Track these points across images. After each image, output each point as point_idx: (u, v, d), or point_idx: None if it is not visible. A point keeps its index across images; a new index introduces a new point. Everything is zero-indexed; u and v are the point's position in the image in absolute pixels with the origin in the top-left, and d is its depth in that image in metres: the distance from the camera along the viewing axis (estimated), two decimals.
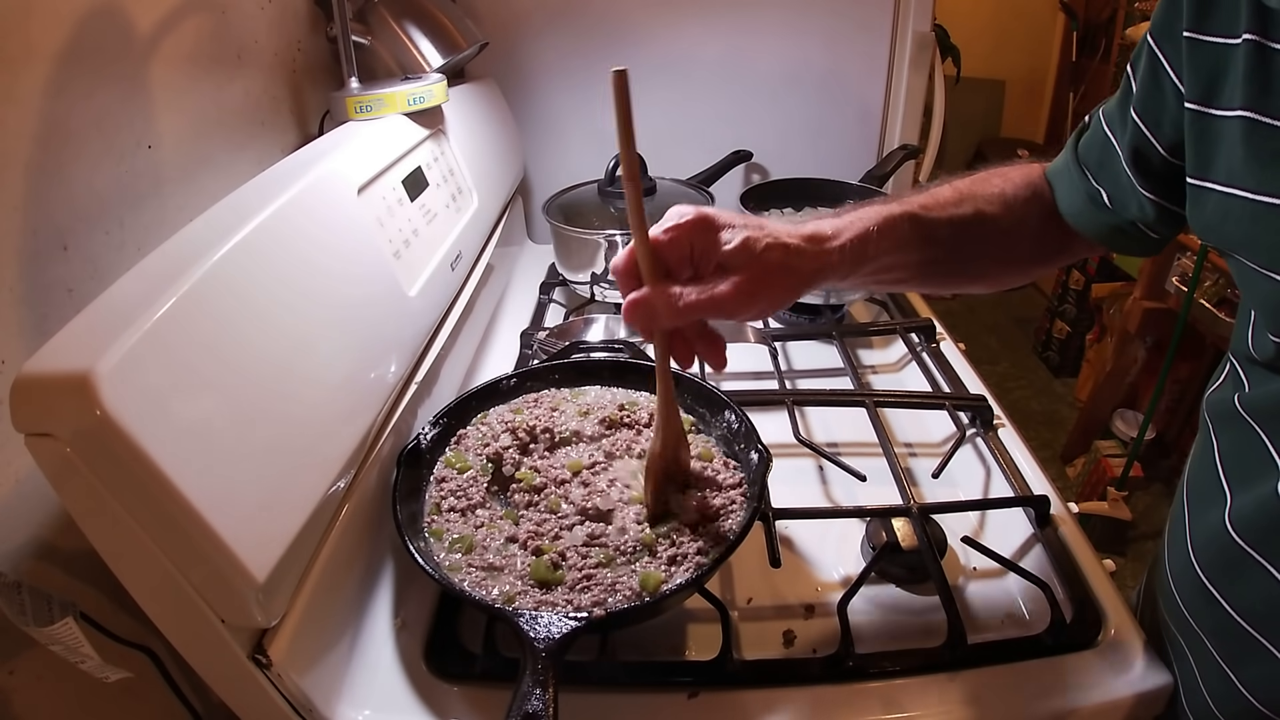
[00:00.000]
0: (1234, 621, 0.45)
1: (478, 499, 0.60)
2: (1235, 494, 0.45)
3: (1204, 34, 0.40)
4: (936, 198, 0.54)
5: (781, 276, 0.47)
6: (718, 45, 1.17)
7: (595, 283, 1.01)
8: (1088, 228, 0.54)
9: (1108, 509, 1.88)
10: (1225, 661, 0.47)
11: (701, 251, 0.47)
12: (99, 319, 0.41)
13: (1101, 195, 0.52)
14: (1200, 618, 0.49)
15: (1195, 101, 0.41)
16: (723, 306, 0.46)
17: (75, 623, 0.45)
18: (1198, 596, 0.48)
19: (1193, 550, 0.49)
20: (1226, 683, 0.47)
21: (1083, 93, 2.82)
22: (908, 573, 0.62)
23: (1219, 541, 0.45)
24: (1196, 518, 0.49)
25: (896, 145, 1.21)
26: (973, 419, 0.79)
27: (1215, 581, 0.47)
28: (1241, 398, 0.45)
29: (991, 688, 0.53)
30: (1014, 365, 2.73)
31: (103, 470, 0.38)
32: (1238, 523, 0.44)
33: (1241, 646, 0.45)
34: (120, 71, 0.59)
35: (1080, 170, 0.54)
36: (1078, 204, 0.54)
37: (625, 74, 0.45)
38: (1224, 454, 0.47)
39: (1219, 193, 0.41)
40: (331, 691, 0.52)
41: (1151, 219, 0.50)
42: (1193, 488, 0.51)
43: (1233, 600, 0.45)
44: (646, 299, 0.46)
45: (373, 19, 0.87)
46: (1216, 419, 0.48)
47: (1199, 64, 0.41)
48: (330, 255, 0.58)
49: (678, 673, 0.55)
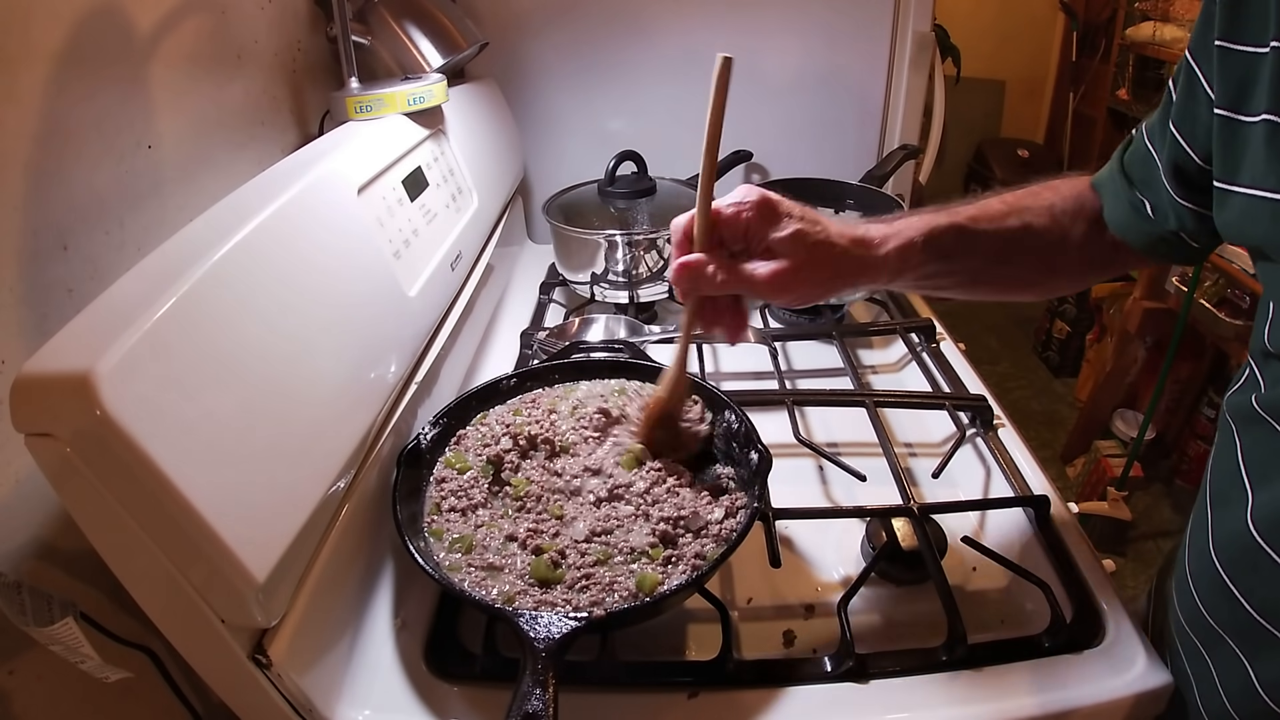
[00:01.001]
0: (1254, 620, 0.46)
1: (478, 499, 0.60)
2: (1256, 493, 0.46)
3: (1234, 43, 0.42)
4: (985, 210, 0.56)
5: (820, 271, 0.50)
6: (718, 45, 1.16)
7: (595, 283, 1.01)
8: (1132, 237, 0.55)
9: (1108, 509, 1.88)
10: (1246, 660, 0.47)
11: (757, 231, 0.50)
12: (99, 319, 0.41)
13: (1145, 206, 0.53)
14: (1220, 616, 0.49)
15: (1224, 108, 0.43)
16: (759, 287, 0.50)
17: (75, 623, 0.45)
18: (1218, 595, 0.49)
19: (1214, 549, 0.49)
20: (1245, 682, 0.47)
21: (1082, 93, 2.82)
22: (908, 573, 0.62)
23: (1240, 541, 0.46)
24: (1219, 517, 0.50)
25: (896, 145, 1.21)
26: (973, 419, 0.79)
27: (1236, 580, 0.47)
28: (1259, 398, 0.46)
29: (991, 688, 0.53)
30: (1014, 365, 2.73)
31: (103, 470, 0.38)
32: (1260, 522, 0.45)
33: (1261, 645, 0.46)
34: (120, 71, 0.59)
35: (1126, 181, 0.55)
36: (1122, 214, 0.55)
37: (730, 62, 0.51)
38: (1246, 454, 0.48)
39: (1243, 195, 0.42)
40: (331, 691, 0.52)
41: (1191, 228, 0.51)
42: (1215, 488, 0.51)
43: (1253, 599, 0.46)
44: (696, 264, 0.50)
45: (373, 19, 0.87)
46: (1238, 419, 0.49)
47: (1229, 72, 0.42)
48: (330, 255, 0.58)
49: (678, 673, 0.55)
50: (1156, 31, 2.14)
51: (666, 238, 0.98)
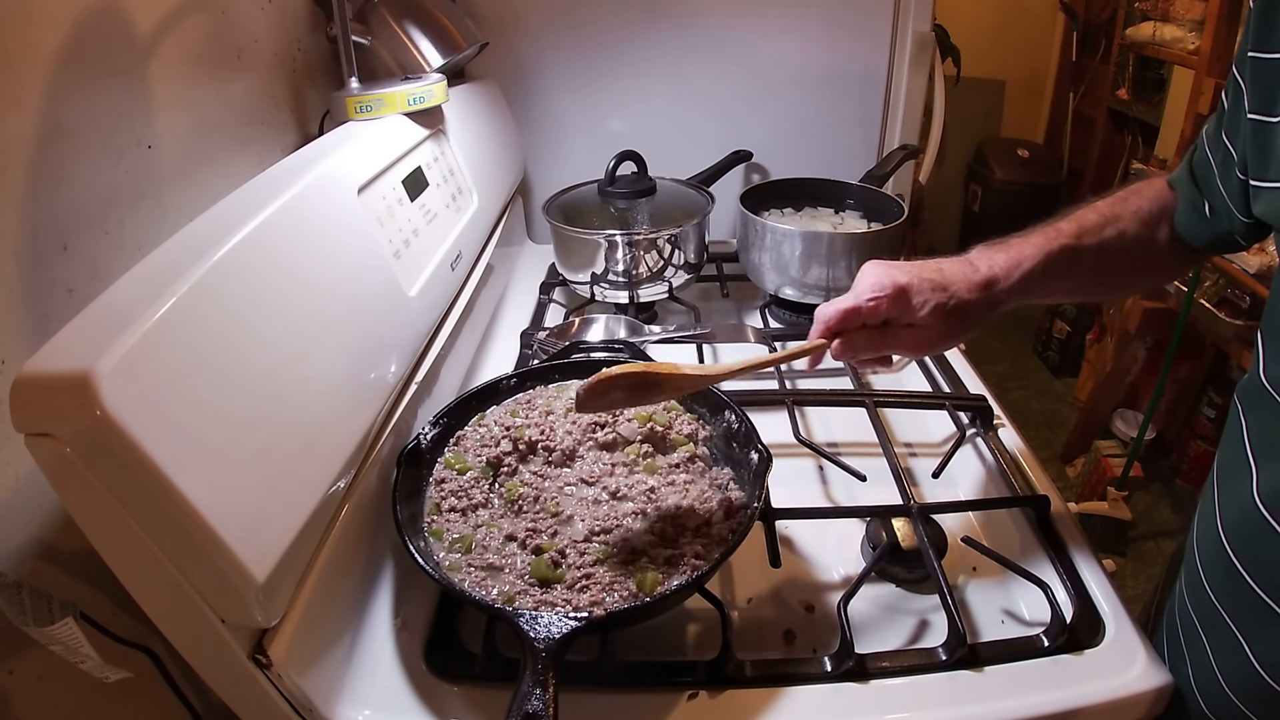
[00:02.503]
0: (1256, 595, 0.47)
1: (478, 499, 0.60)
2: (1261, 469, 0.48)
3: (1264, 52, 0.45)
4: (1084, 224, 0.58)
5: (959, 327, 0.57)
6: (718, 45, 1.17)
7: (595, 283, 1.01)
8: (1193, 236, 0.58)
9: (1108, 509, 1.88)
10: (1243, 636, 0.49)
11: (897, 316, 0.56)
12: (99, 319, 0.41)
13: (1205, 206, 0.56)
14: (1223, 594, 0.51)
15: (1256, 112, 0.46)
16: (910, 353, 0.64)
17: (75, 623, 0.45)
18: (1223, 571, 0.50)
19: (1222, 527, 0.51)
20: (1241, 658, 0.49)
21: (1082, 93, 2.82)
22: (908, 573, 0.62)
23: (1247, 515, 0.48)
24: (1225, 497, 0.52)
25: (896, 145, 1.21)
26: (973, 419, 0.79)
27: (1241, 555, 0.49)
28: (1266, 370, 0.48)
29: (991, 688, 0.53)
30: (1014, 365, 2.73)
31: (103, 470, 0.38)
32: (1266, 496, 0.47)
33: (1260, 621, 0.47)
34: (120, 71, 0.59)
35: (1191, 181, 0.57)
36: (1185, 215, 0.58)
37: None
38: (1251, 432, 0.50)
39: (1271, 189, 0.45)
40: (331, 691, 0.52)
41: (1240, 230, 0.54)
42: (1222, 468, 0.53)
43: (1256, 574, 0.47)
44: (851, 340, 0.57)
45: (373, 19, 0.87)
46: (1245, 400, 0.51)
47: (1260, 79, 0.46)
48: (330, 255, 0.58)
49: (678, 673, 0.55)
50: (1156, 31, 2.13)
51: (666, 238, 0.98)
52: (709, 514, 0.58)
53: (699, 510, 0.58)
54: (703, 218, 1.02)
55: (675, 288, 1.02)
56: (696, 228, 1.01)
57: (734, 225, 1.06)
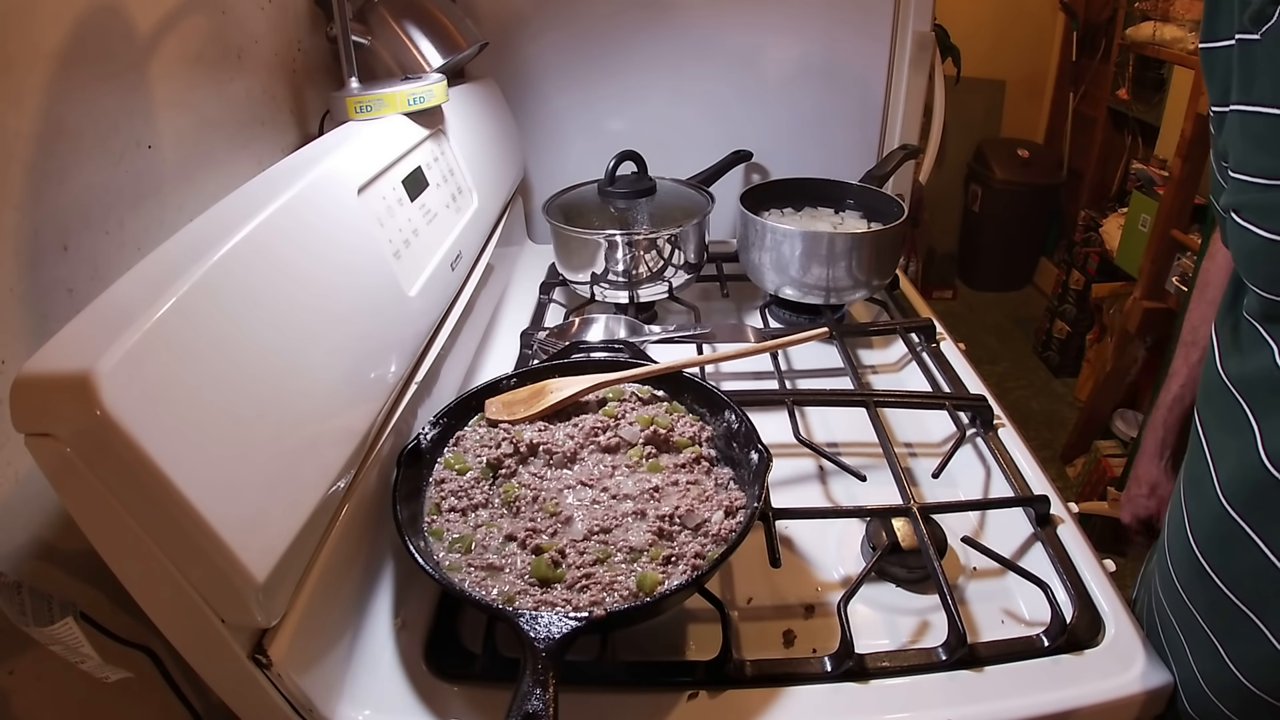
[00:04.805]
0: (1225, 597, 0.47)
1: (478, 499, 0.60)
2: (1219, 466, 0.48)
3: (1212, 41, 0.46)
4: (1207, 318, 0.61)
5: None
6: (718, 45, 1.17)
7: (595, 283, 1.01)
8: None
9: (1108, 509, 1.87)
10: (1217, 639, 0.49)
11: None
12: (99, 319, 0.41)
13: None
14: (1195, 596, 0.51)
15: (1214, 104, 0.46)
16: None
17: (75, 623, 0.45)
18: (1193, 574, 0.50)
19: (1189, 528, 0.51)
20: (1218, 661, 0.49)
21: (1082, 93, 2.82)
22: (908, 573, 0.62)
23: (1214, 515, 0.48)
24: (1192, 496, 0.52)
25: (896, 145, 1.21)
26: (973, 419, 0.79)
27: (1209, 557, 0.49)
28: (1224, 363, 0.49)
29: (991, 688, 0.53)
30: (1014, 365, 2.73)
31: (103, 470, 0.38)
32: (1225, 488, 0.47)
33: (1232, 623, 0.47)
34: (120, 71, 0.59)
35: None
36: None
37: None
38: (1207, 428, 0.50)
39: (1237, 180, 0.45)
40: (331, 691, 0.52)
41: None
42: (1188, 472, 0.53)
43: (1225, 576, 0.48)
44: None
45: (373, 19, 0.87)
46: (1203, 397, 0.52)
47: (1211, 70, 0.46)
48: (330, 255, 0.58)
49: (678, 673, 0.55)
50: (1156, 31, 2.13)
51: (666, 238, 0.98)
52: (709, 514, 0.58)
53: (699, 510, 0.58)
54: (703, 218, 1.02)
55: (675, 288, 1.02)
56: (696, 228, 1.01)
57: (734, 225, 1.06)
